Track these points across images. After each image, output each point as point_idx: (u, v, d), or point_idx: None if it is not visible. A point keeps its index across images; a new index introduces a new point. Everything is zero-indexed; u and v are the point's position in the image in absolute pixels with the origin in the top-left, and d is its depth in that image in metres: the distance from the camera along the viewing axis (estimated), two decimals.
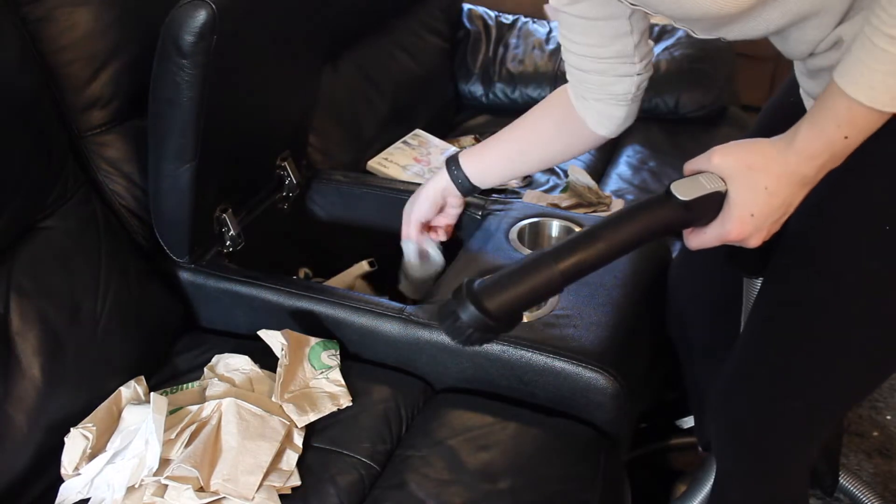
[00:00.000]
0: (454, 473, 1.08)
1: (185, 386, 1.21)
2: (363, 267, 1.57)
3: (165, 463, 1.04)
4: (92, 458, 1.08)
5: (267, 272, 1.34)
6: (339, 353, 1.23)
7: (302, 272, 1.60)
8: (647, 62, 1.04)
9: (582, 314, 1.22)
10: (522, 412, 1.18)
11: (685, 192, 0.82)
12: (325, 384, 1.19)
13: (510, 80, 2.15)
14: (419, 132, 1.96)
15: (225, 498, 1.02)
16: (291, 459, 1.08)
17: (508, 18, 2.27)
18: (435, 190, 1.29)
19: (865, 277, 0.89)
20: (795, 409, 1.00)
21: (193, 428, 1.08)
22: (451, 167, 1.26)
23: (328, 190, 1.60)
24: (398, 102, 1.98)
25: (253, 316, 1.32)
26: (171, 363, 1.29)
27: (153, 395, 1.10)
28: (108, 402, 1.15)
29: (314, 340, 1.23)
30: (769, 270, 0.98)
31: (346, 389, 1.19)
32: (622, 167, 1.93)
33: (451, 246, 1.41)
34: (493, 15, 2.28)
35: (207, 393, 1.17)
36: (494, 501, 1.04)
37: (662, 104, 2.05)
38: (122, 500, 1.02)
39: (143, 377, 1.21)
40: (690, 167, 0.86)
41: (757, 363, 1.02)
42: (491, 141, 1.25)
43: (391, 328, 1.24)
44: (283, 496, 1.04)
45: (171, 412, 1.11)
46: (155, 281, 1.32)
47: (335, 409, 1.16)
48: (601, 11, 0.97)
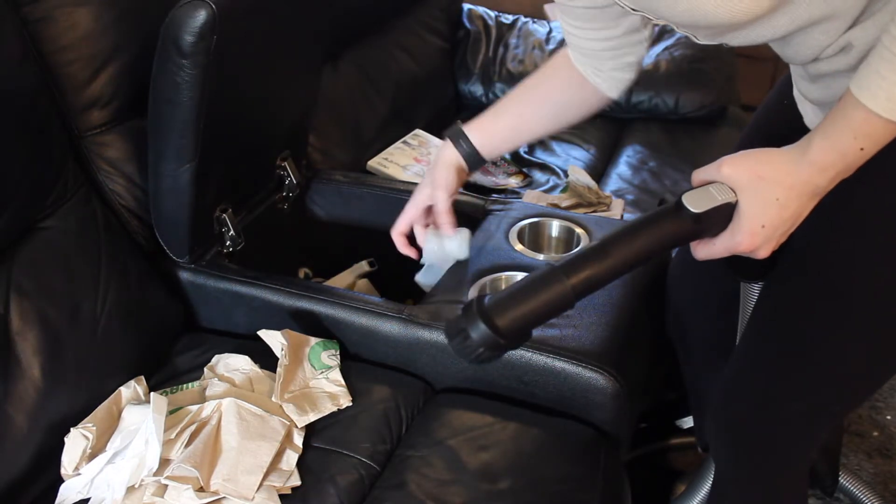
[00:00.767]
0: (454, 473, 1.08)
1: (185, 386, 1.21)
2: (363, 267, 1.58)
3: (165, 463, 1.04)
4: (92, 458, 1.08)
5: (267, 272, 1.34)
6: (339, 353, 1.23)
7: (302, 272, 1.60)
8: (651, 23, 1.03)
9: (582, 314, 1.22)
10: (522, 412, 1.18)
11: (696, 204, 0.81)
12: (325, 384, 1.19)
13: (510, 80, 2.15)
14: (419, 132, 1.96)
15: (225, 498, 1.02)
16: (291, 459, 1.08)
17: (508, 18, 2.27)
18: (447, 166, 1.20)
19: (870, 284, 0.89)
20: (795, 411, 1.00)
21: (193, 428, 1.08)
22: (457, 140, 1.20)
23: (328, 190, 1.60)
24: (398, 102, 1.98)
25: (253, 316, 1.32)
26: (171, 363, 1.29)
27: (153, 395, 1.10)
28: (108, 402, 1.15)
29: (314, 340, 1.23)
30: (772, 272, 0.98)
31: (346, 389, 1.19)
32: (622, 167, 1.92)
33: None
34: (493, 15, 2.28)
35: (207, 393, 1.17)
36: (494, 501, 1.04)
37: (662, 104, 2.05)
38: (122, 500, 1.02)
39: (143, 377, 1.21)
40: (699, 177, 0.84)
41: (757, 365, 1.02)
42: (495, 111, 1.21)
43: (391, 328, 1.24)
44: (283, 496, 1.04)
45: (171, 412, 1.11)
46: (155, 281, 1.32)
47: (335, 409, 1.16)
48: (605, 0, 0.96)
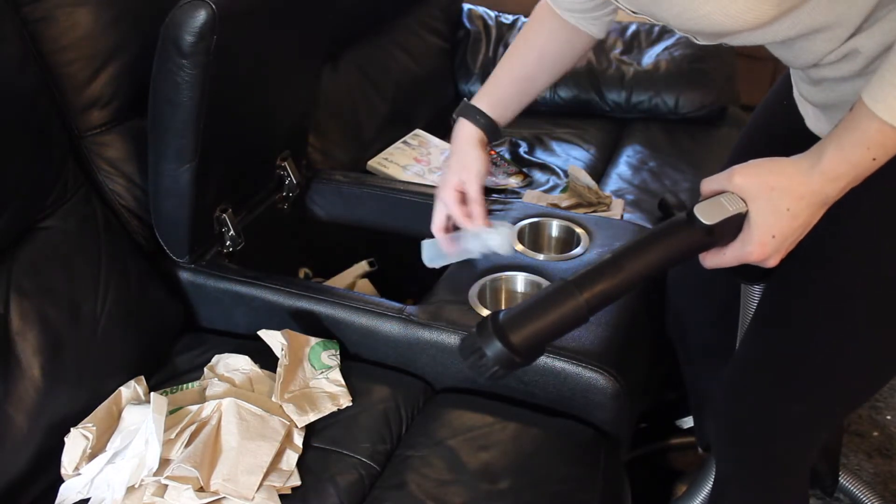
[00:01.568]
0: (454, 473, 1.08)
1: (185, 386, 1.21)
2: (363, 267, 1.58)
3: (165, 463, 1.04)
4: (92, 458, 1.08)
5: (267, 272, 1.34)
6: (339, 353, 1.23)
7: (302, 272, 1.60)
8: None
9: None
10: (522, 412, 1.18)
11: (708, 215, 0.80)
12: (325, 384, 1.19)
13: None
14: (419, 132, 1.96)
15: (225, 498, 1.02)
16: (291, 459, 1.08)
17: (508, 18, 2.27)
18: (471, 144, 1.19)
19: (872, 286, 0.89)
20: (796, 412, 1.00)
21: (193, 428, 1.08)
22: (470, 116, 1.20)
23: (328, 190, 1.60)
24: (398, 102, 1.98)
25: (253, 316, 1.32)
26: (171, 363, 1.29)
27: (153, 395, 1.10)
28: (108, 402, 1.15)
29: (314, 340, 1.23)
30: (774, 274, 0.98)
31: (346, 389, 1.19)
32: (622, 167, 1.92)
33: None
34: (493, 15, 2.28)
35: (207, 393, 1.17)
36: (494, 501, 1.04)
37: (662, 104, 2.05)
38: (122, 500, 1.02)
39: (143, 377, 1.21)
40: (709, 187, 0.84)
41: (758, 366, 1.02)
42: (496, 77, 1.22)
43: (391, 328, 1.24)
44: (283, 496, 1.04)
45: (171, 412, 1.11)
46: (155, 281, 1.32)
47: (335, 409, 1.16)
48: None
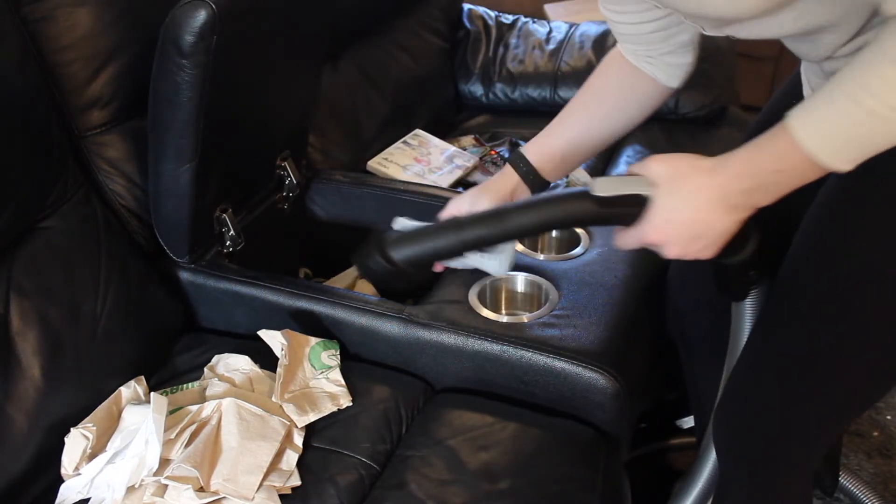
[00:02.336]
0: (454, 473, 1.08)
1: (185, 386, 1.21)
2: None
3: (165, 463, 1.04)
4: (92, 458, 1.08)
5: (267, 272, 1.34)
6: (339, 353, 1.23)
7: (302, 272, 1.60)
8: None
9: (582, 314, 1.22)
10: (522, 412, 1.18)
11: (604, 188, 0.85)
12: (325, 384, 1.19)
13: (510, 80, 2.15)
14: (419, 132, 1.96)
15: (225, 498, 1.02)
16: (291, 459, 1.08)
17: (508, 18, 2.27)
18: (503, 191, 1.13)
19: (875, 292, 0.89)
20: (800, 417, 0.99)
21: (193, 428, 1.08)
22: (517, 164, 1.14)
23: (328, 190, 1.60)
24: (398, 102, 1.98)
25: (253, 316, 1.32)
26: (171, 363, 1.29)
27: (153, 395, 1.10)
28: (108, 402, 1.15)
29: (314, 340, 1.23)
30: (777, 281, 0.97)
31: (346, 389, 1.19)
32: (622, 167, 1.92)
33: None
34: (493, 15, 2.28)
35: (207, 393, 1.17)
36: (494, 501, 1.04)
37: (662, 104, 2.05)
38: (122, 500, 1.02)
39: (143, 377, 1.21)
40: (632, 169, 0.87)
41: (762, 371, 1.01)
42: (551, 125, 1.15)
43: (391, 328, 1.24)
44: (283, 496, 1.04)
45: (171, 412, 1.11)
46: (155, 281, 1.32)
47: (335, 409, 1.16)
48: None
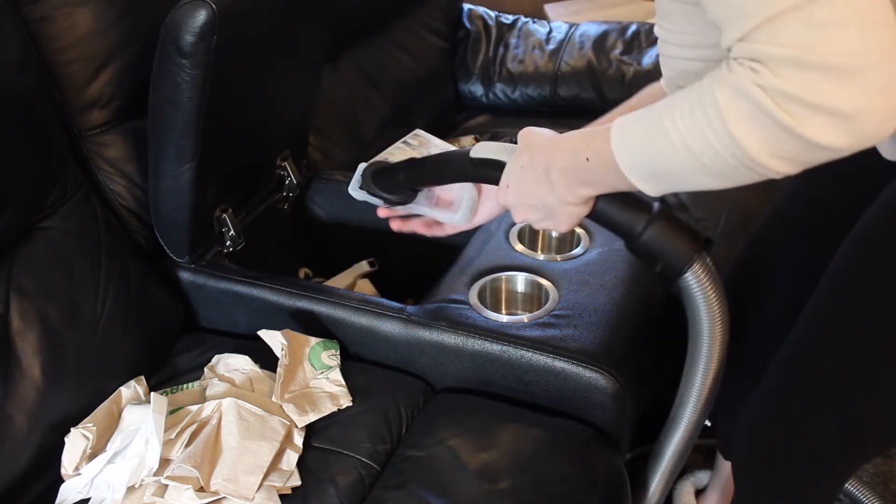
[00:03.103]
0: (454, 473, 1.08)
1: (185, 386, 1.21)
2: (363, 267, 1.58)
3: (165, 463, 1.04)
4: (92, 458, 1.08)
5: (267, 272, 1.34)
6: (339, 353, 1.23)
7: (302, 272, 1.60)
8: None
9: (582, 314, 1.22)
10: (522, 412, 1.18)
11: (478, 151, 0.93)
12: (325, 384, 1.19)
13: (510, 80, 2.15)
14: (419, 132, 1.95)
15: (225, 498, 1.02)
16: (291, 459, 1.08)
17: (508, 18, 2.27)
18: None
19: None
20: (829, 444, 0.98)
21: (193, 428, 1.08)
22: None
23: (328, 190, 1.60)
24: (398, 102, 1.98)
25: (253, 316, 1.32)
26: (171, 363, 1.29)
27: (153, 395, 1.10)
28: (108, 402, 1.15)
29: (314, 340, 1.23)
30: (810, 303, 0.96)
31: (346, 389, 1.19)
32: None
33: (451, 246, 1.41)
34: (493, 15, 2.28)
35: (207, 393, 1.17)
36: (494, 501, 1.04)
37: None
38: (122, 500, 1.02)
39: (143, 377, 1.21)
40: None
41: (792, 395, 1.00)
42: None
43: (391, 328, 1.24)
44: (283, 496, 1.04)
45: (171, 412, 1.11)
46: (155, 281, 1.32)
47: (335, 409, 1.16)
48: None
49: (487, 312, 1.24)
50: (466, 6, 2.28)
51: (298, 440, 1.11)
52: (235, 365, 1.22)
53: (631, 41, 2.17)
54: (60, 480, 1.08)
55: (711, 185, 0.70)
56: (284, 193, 1.52)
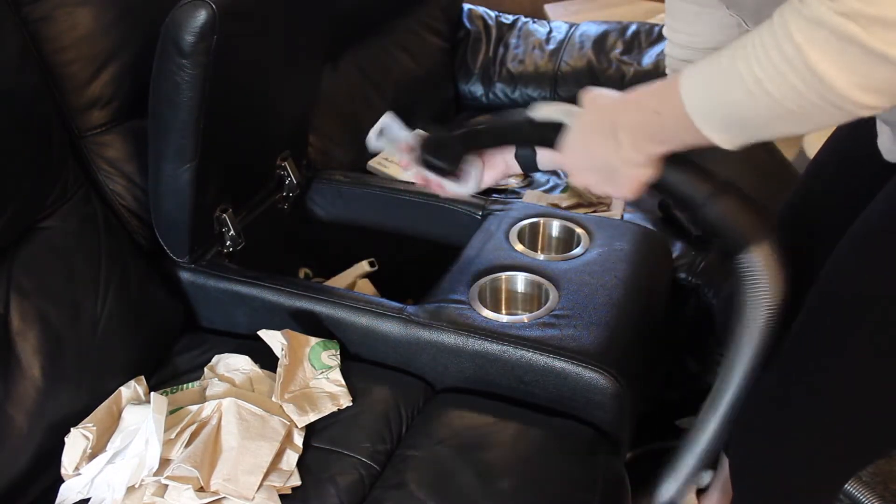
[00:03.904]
0: (454, 473, 1.08)
1: (185, 386, 1.21)
2: (363, 267, 1.58)
3: (165, 463, 1.04)
4: (92, 458, 1.08)
5: (267, 272, 1.34)
6: (339, 353, 1.23)
7: (302, 272, 1.60)
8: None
9: (582, 314, 1.22)
10: (522, 412, 1.18)
11: (538, 112, 0.91)
12: (325, 384, 1.19)
13: (510, 80, 2.15)
14: (419, 132, 1.96)
15: (225, 498, 1.02)
16: (291, 459, 1.08)
17: (508, 18, 2.27)
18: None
19: None
20: (825, 454, 0.98)
21: (193, 428, 1.08)
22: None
23: (328, 190, 1.60)
24: (398, 102, 1.98)
25: (253, 316, 1.32)
26: (171, 363, 1.29)
27: (153, 395, 1.10)
28: (108, 402, 1.15)
29: (314, 340, 1.23)
30: (806, 317, 0.94)
31: (346, 389, 1.19)
32: None
33: (451, 246, 1.41)
34: (493, 15, 2.28)
35: (207, 393, 1.17)
36: (494, 502, 1.04)
37: None
38: (122, 500, 1.02)
39: (143, 377, 1.21)
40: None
41: (781, 403, 0.99)
42: None
43: (391, 328, 1.24)
44: (283, 496, 1.04)
45: (171, 412, 1.11)
46: (155, 281, 1.32)
47: (335, 409, 1.16)
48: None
49: (487, 312, 1.24)
50: (466, 6, 2.29)
51: (298, 440, 1.11)
52: (235, 365, 1.22)
53: (631, 41, 2.17)
54: (60, 480, 1.08)
55: (794, 129, 0.65)
56: (284, 193, 1.52)
